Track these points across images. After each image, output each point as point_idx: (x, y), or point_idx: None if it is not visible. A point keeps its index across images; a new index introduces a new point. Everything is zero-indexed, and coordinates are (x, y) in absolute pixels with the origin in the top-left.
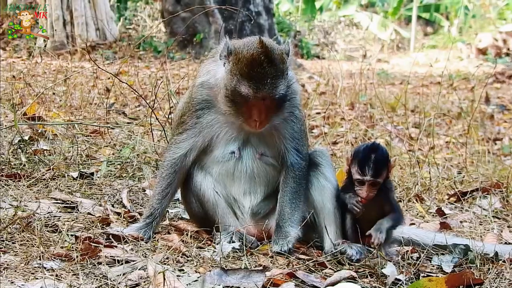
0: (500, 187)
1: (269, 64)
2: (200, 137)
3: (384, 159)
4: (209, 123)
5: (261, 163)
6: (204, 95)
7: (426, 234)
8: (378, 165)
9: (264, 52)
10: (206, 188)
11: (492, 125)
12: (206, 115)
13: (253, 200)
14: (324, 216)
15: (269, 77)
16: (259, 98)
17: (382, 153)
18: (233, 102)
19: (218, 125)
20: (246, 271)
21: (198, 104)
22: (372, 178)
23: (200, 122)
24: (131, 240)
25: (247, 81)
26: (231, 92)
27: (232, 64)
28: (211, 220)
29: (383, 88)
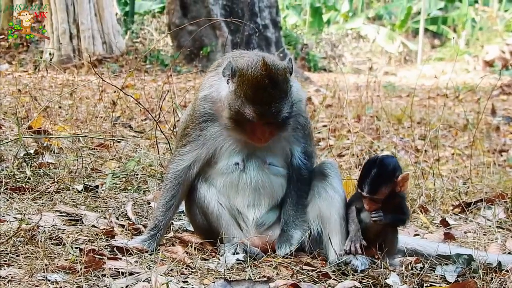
0: (504, 198)
1: (273, 87)
2: (204, 149)
3: (385, 176)
4: (213, 136)
5: (266, 174)
6: (207, 108)
7: (429, 245)
8: (376, 182)
9: (268, 75)
10: (210, 200)
11: (498, 137)
12: (209, 127)
13: (257, 212)
14: (330, 227)
15: (273, 101)
16: (264, 122)
17: (385, 169)
18: (236, 122)
19: (222, 138)
20: (250, 282)
21: (201, 117)
22: (368, 194)
23: (204, 134)
24: (136, 252)
25: (252, 105)
26: (235, 113)
27: (237, 85)
28: (215, 231)
29: (389, 101)
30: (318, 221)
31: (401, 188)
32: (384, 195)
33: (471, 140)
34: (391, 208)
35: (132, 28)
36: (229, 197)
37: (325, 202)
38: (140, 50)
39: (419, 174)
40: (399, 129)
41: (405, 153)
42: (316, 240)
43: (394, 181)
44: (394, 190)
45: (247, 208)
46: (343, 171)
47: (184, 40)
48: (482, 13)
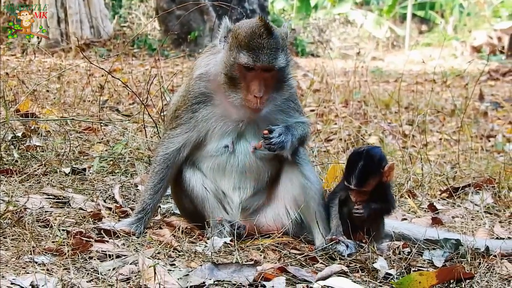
0: (492, 183)
1: (269, 36)
2: (194, 131)
3: (372, 168)
4: (205, 117)
5: (254, 157)
6: (201, 87)
7: (417, 229)
8: (364, 175)
9: (264, 25)
10: (195, 183)
11: (486, 122)
12: (202, 109)
13: (242, 195)
14: (309, 215)
15: (269, 48)
16: (259, 68)
17: (371, 162)
18: (232, 79)
19: (214, 119)
20: (237, 265)
21: (195, 98)
22: (356, 187)
23: (196, 116)
24: (123, 235)
25: (247, 51)
26: (230, 66)
27: (231, 39)
28: (201, 215)
29: (377, 86)
30: (295, 208)
31: (387, 178)
32: (372, 186)
33: (459, 126)
34: (377, 197)
35: (119, 12)
36: (215, 180)
37: (298, 191)
38: (128, 34)
39: (407, 159)
40: (387, 114)
41: (393, 138)
42: (301, 225)
43: (380, 172)
44: (381, 181)
45: (232, 191)
46: (331, 155)
47: (172, 25)
48: None
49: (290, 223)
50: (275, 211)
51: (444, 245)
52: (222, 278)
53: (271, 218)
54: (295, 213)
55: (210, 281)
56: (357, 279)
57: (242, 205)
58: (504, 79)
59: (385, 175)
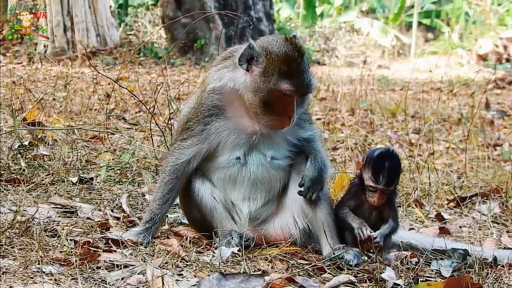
0: (499, 192)
1: (302, 59)
2: (205, 144)
3: (398, 167)
4: (217, 130)
5: (266, 168)
6: (215, 100)
7: (425, 239)
8: (392, 174)
9: (295, 48)
10: (204, 193)
11: (492, 131)
12: (214, 122)
13: (252, 206)
14: (318, 224)
15: (305, 72)
16: (299, 94)
17: (397, 161)
18: (267, 103)
19: (226, 132)
20: (245, 275)
21: (207, 111)
22: (385, 186)
23: (208, 129)
24: (130, 245)
25: (288, 79)
26: (268, 92)
27: (266, 64)
28: (209, 225)
29: (383, 94)
30: (303, 217)
31: None
32: (396, 185)
33: (465, 134)
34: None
35: (126, 20)
36: (225, 191)
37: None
38: (134, 42)
39: (414, 168)
40: (393, 123)
41: (399, 147)
42: (308, 235)
43: (400, 173)
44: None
45: (242, 202)
46: (337, 164)
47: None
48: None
49: (298, 232)
50: (283, 221)
51: (451, 255)
52: None
53: (279, 227)
54: (303, 222)
55: None
56: None
57: (251, 215)
58: (510, 88)
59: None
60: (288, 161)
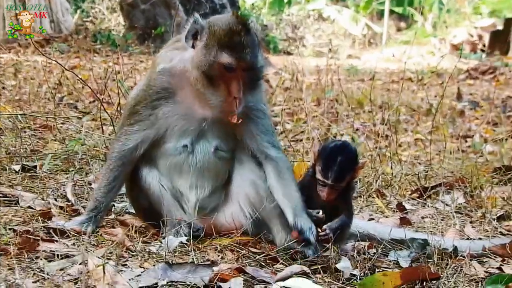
0: (464, 182)
1: (247, 34)
2: (153, 129)
3: (350, 163)
4: (166, 115)
5: (212, 157)
6: (164, 83)
7: (384, 229)
8: (343, 170)
9: (241, 22)
10: (151, 181)
11: (463, 122)
12: (163, 105)
13: (199, 194)
14: (266, 213)
15: (249, 46)
16: (242, 68)
17: (350, 156)
18: (209, 79)
19: (175, 117)
20: (192, 265)
21: (156, 93)
22: (334, 182)
23: (156, 113)
24: (73, 234)
25: (229, 50)
26: (209, 66)
27: (208, 38)
28: (157, 214)
29: (351, 84)
30: (249, 206)
31: (356, 176)
32: (348, 182)
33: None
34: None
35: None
36: (172, 179)
37: (250, 187)
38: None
39: (376, 158)
40: (360, 114)
41: (366, 138)
42: (260, 224)
43: (355, 168)
44: (353, 177)
45: (189, 190)
46: (299, 155)
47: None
48: None
49: (249, 222)
50: (232, 210)
51: (410, 245)
52: (176, 279)
53: (229, 217)
54: (250, 211)
55: (163, 281)
56: (319, 280)
57: (199, 204)
58: (483, 78)
59: (356, 171)
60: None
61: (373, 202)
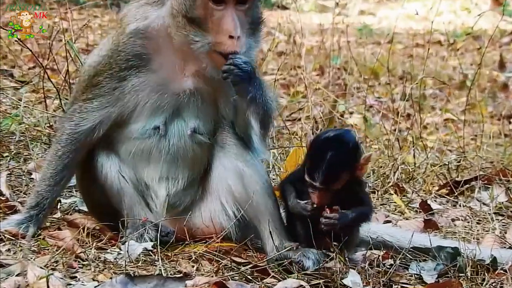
0: (506, 176)
1: None
2: (117, 107)
3: (344, 161)
4: (135, 88)
5: (189, 141)
6: (137, 47)
7: (403, 235)
8: (334, 170)
9: None
10: (109, 171)
11: (506, 98)
12: (133, 76)
13: (171, 187)
14: (254, 212)
15: None
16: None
17: (344, 151)
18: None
19: (146, 91)
20: (159, 278)
21: (125, 61)
22: (323, 185)
23: (122, 86)
24: (8, 238)
25: None
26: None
27: None
28: (115, 213)
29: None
30: (233, 203)
31: (361, 173)
32: (342, 184)
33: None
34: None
35: None
36: (136, 168)
37: (235, 178)
38: None
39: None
40: (375, 86)
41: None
42: (246, 226)
43: (354, 165)
44: (354, 176)
45: (158, 182)
46: (297, 138)
47: None
48: None
49: (232, 224)
50: (211, 208)
51: (437, 255)
52: None
53: (207, 217)
54: (234, 210)
55: None
56: None
57: (170, 201)
58: None
59: (359, 169)
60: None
61: (390, 199)
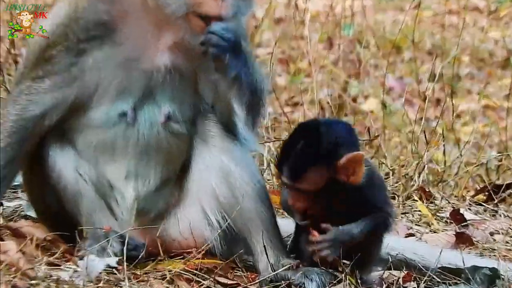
0: None
1: None
2: (74, 87)
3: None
4: (97, 64)
5: (163, 131)
6: (100, 13)
7: (429, 252)
8: (299, 166)
9: None
10: (63, 167)
11: None
12: (95, 50)
13: (140, 188)
14: (244, 221)
15: None
16: None
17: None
18: None
19: (111, 68)
20: None
21: (85, 31)
22: (290, 182)
23: (81, 62)
24: None
25: None
26: None
27: None
28: (71, 220)
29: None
30: (217, 209)
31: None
32: (316, 186)
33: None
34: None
35: None
36: (97, 165)
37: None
38: None
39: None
40: (397, 63)
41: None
42: (234, 238)
43: (332, 164)
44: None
45: (125, 182)
46: None
47: None
48: None
49: (216, 235)
50: (189, 215)
51: (471, 278)
52: None
53: (185, 227)
54: (219, 217)
55: None
56: None
57: (139, 206)
58: None
59: (342, 171)
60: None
61: (413, 207)
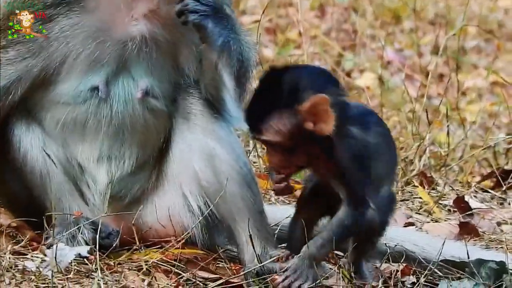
0: None
1: None
2: (40, 58)
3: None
4: (64, 33)
5: (139, 108)
6: None
7: (430, 243)
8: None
9: None
10: (29, 147)
11: None
12: (62, 16)
13: (114, 171)
14: (228, 207)
15: None
16: None
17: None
18: None
19: (80, 37)
20: None
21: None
22: (253, 133)
23: (47, 30)
24: None
25: None
26: None
27: None
28: (38, 205)
29: None
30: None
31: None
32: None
33: None
34: None
35: None
36: (66, 144)
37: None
38: None
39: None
40: (396, 34)
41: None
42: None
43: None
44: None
45: (97, 163)
46: None
47: None
48: None
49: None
50: (168, 200)
51: (476, 272)
52: None
53: (163, 213)
54: (200, 203)
55: None
56: None
57: (112, 190)
58: None
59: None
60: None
61: (413, 194)
